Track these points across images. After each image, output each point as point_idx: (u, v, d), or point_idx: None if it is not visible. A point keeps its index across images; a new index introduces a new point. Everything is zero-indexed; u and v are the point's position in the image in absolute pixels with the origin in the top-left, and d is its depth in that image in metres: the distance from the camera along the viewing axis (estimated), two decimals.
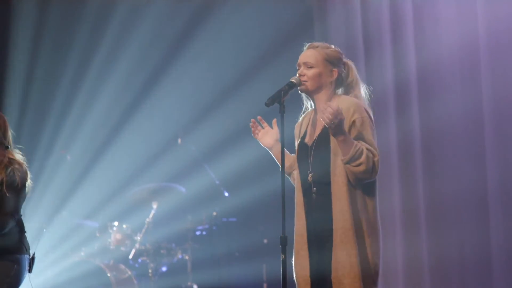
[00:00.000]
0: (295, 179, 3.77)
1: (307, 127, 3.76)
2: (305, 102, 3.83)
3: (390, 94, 6.06)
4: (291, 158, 3.82)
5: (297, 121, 3.88)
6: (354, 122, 3.55)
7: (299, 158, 3.71)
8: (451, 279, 5.74)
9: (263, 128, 3.87)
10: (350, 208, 3.49)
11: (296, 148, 3.77)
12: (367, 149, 3.49)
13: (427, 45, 5.90)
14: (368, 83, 3.83)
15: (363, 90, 3.76)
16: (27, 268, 4.09)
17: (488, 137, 5.57)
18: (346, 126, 3.51)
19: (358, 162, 3.46)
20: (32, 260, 4.12)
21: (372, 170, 3.49)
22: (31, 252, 4.14)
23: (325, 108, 3.44)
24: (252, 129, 3.86)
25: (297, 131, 3.83)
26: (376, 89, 5.78)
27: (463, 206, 5.69)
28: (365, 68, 6.03)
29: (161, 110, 7.80)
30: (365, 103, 3.70)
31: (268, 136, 3.83)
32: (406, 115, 5.96)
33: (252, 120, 3.83)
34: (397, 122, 6.01)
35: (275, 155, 3.82)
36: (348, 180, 3.52)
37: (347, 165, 3.49)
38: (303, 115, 3.86)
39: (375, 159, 3.50)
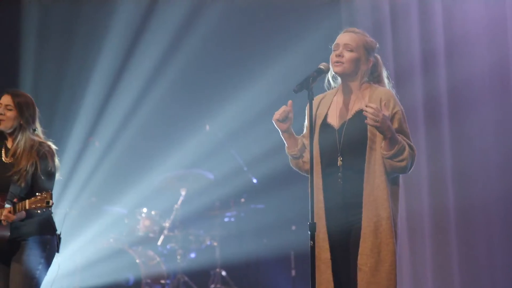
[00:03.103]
0: (305, 162, 3.69)
1: (328, 108, 3.70)
2: (332, 82, 3.75)
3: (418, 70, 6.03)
4: (299, 141, 3.71)
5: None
6: (395, 114, 3.54)
7: (322, 138, 3.65)
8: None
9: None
10: (390, 198, 3.49)
11: (314, 127, 3.66)
12: (408, 144, 3.49)
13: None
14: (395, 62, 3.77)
15: (387, 85, 3.72)
16: (56, 248, 4.13)
17: None
18: None
19: (400, 158, 3.47)
20: (59, 240, 4.15)
21: (411, 165, 3.52)
22: (58, 232, 4.17)
23: (368, 109, 3.37)
24: (287, 111, 3.61)
25: (314, 108, 3.67)
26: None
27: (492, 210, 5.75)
28: (392, 49, 6.00)
29: (189, 97, 7.80)
30: None
31: (288, 120, 3.67)
32: (434, 78, 5.94)
33: (290, 102, 3.65)
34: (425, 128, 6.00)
35: (286, 138, 3.69)
36: (385, 169, 3.50)
37: (388, 160, 3.47)
38: (322, 95, 3.78)
39: (414, 154, 3.52)
